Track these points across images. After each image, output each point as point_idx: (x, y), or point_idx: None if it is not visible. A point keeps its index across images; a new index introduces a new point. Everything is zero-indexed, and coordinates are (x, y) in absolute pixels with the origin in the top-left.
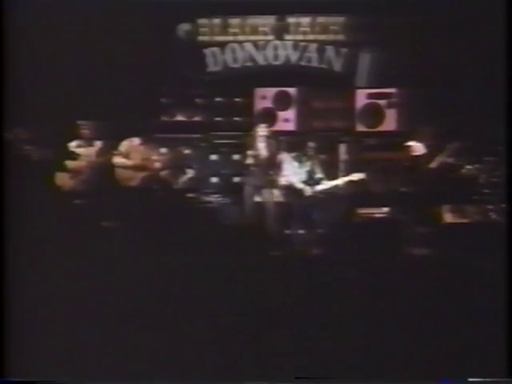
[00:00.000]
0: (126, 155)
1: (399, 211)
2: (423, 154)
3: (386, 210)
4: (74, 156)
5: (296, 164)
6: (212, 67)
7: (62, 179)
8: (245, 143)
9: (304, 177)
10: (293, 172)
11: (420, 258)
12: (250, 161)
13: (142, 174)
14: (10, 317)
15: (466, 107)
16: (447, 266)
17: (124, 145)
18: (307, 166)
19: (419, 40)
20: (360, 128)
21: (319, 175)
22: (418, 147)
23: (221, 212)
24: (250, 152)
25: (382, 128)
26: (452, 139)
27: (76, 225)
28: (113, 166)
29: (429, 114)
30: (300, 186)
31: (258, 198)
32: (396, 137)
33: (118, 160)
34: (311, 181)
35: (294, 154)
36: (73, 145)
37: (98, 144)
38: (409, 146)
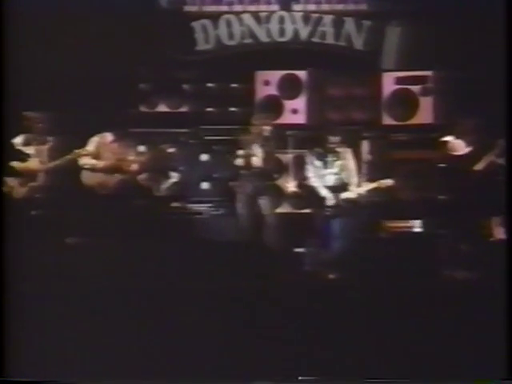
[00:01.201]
0: (96, 155)
1: (436, 224)
2: (467, 154)
3: (419, 222)
4: (22, 156)
5: (319, 164)
6: (202, 45)
7: (11, 185)
8: (243, 140)
9: (329, 181)
10: (316, 174)
11: (462, 282)
12: (249, 162)
13: (115, 179)
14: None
15: None
16: (495, 291)
17: (93, 142)
18: (335, 167)
19: (462, 11)
20: (387, 121)
21: (346, 179)
22: (460, 144)
23: (213, 226)
24: (249, 151)
25: (414, 121)
26: (503, 134)
27: (32, 241)
28: (79, 169)
29: (474, 102)
30: (323, 192)
31: (259, 208)
32: (433, 132)
33: (85, 161)
34: (336, 187)
35: (317, 151)
36: (19, 142)
37: (55, 141)
38: (448, 144)
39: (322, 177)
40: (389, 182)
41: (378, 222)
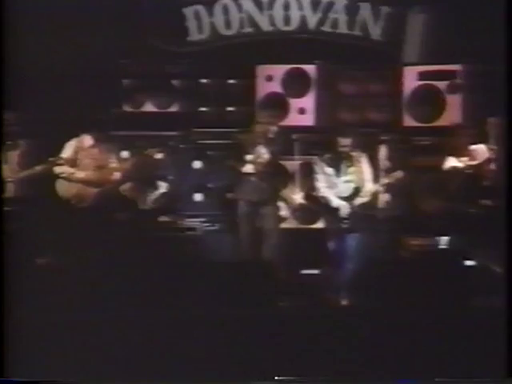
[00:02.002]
0: (72, 162)
1: (465, 242)
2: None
3: (445, 239)
4: None
5: (331, 171)
6: (195, 35)
7: None
8: (243, 144)
9: (342, 191)
10: (327, 183)
11: (497, 312)
12: (249, 170)
13: (94, 190)
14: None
15: None
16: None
17: (69, 147)
18: (348, 175)
19: None
20: (409, 122)
21: (360, 189)
22: (481, 150)
23: (208, 244)
24: (249, 157)
25: (440, 122)
26: None
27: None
28: (53, 178)
29: (509, 101)
30: (335, 203)
31: (261, 224)
32: (461, 135)
33: (60, 169)
34: (349, 197)
35: (328, 157)
36: None
37: (26, 145)
38: (480, 149)
39: (333, 186)
40: (400, 174)
41: (398, 239)
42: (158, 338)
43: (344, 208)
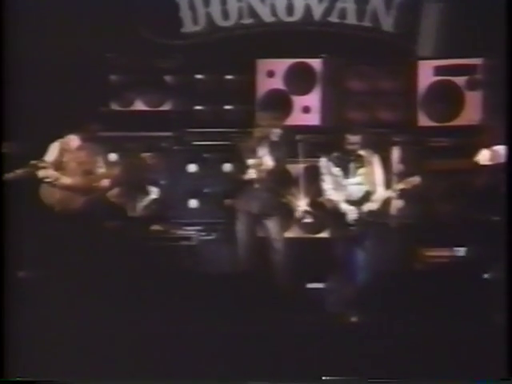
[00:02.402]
0: (57, 165)
1: (486, 254)
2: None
3: (464, 250)
4: None
5: (338, 172)
6: (190, 26)
7: None
8: (242, 146)
9: (352, 194)
10: (335, 185)
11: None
12: (249, 173)
13: (80, 195)
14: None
15: None
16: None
17: (54, 149)
18: (357, 176)
19: None
20: (424, 122)
21: (367, 189)
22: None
23: (205, 255)
24: (249, 160)
25: (458, 122)
26: None
27: None
28: (36, 183)
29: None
30: (344, 208)
31: (262, 232)
32: (482, 135)
33: (44, 173)
34: (360, 202)
35: (334, 156)
36: None
37: (7, 147)
38: (502, 150)
39: (341, 188)
40: (416, 179)
41: (412, 250)
42: (150, 357)
43: (353, 213)
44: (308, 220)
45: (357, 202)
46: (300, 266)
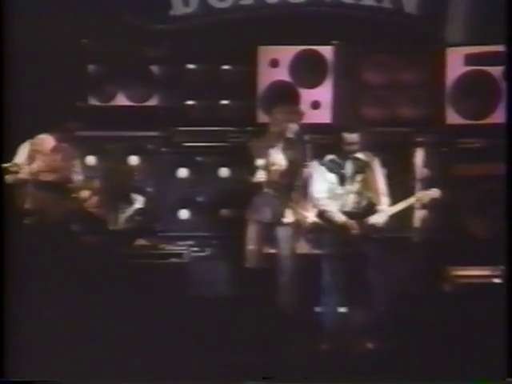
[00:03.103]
0: (28, 169)
1: None
2: None
3: (501, 269)
4: None
5: (333, 178)
6: (179, 8)
7: None
8: (241, 148)
9: (349, 201)
10: (329, 192)
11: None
12: (250, 180)
13: (54, 204)
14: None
15: None
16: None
17: (24, 150)
18: (354, 183)
19: None
20: (453, 119)
21: (373, 198)
22: None
23: (197, 274)
24: (250, 163)
25: (493, 119)
26: None
27: None
28: (3, 189)
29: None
30: (341, 217)
31: (265, 247)
32: None
33: (12, 178)
34: (361, 208)
35: (328, 160)
36: None
37: None
38: None
39: (335, 197)
40: (437, 192)
41: (440, 268)
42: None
43: (354, 227)
44: (316, 233)
45: (357, 214)
46: (307, 287)
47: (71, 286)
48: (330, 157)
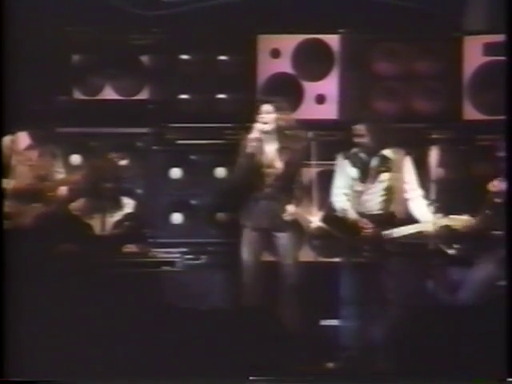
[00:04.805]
0: (2, 169)
1: None
2: None
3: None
4: None
5: (354, 173)
6: None
7: None
8: (239, 145)
9: (369, 202)
10: (349, 189)
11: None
12: (249, 180)
13: (34, 208)
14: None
15: None
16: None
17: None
18: (377, 182)
19: None
20: (471, 114)
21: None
22: None
23: (191, 284)
24: (249, 163)
25: None
26: None
27: None
28: None
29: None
30: (354, 215)
31: (265, 255)
32: None
33: None
34: (381, 213)
35: (353, 153)
36: None
37: None
38: None
39: (356, 197)
40: (466, 219)
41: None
42: None
43: (367, 227)
44: (322, 239)
45: (375, 216)
46: (312, 298)
47: (54, 297)
48: (354, 150)
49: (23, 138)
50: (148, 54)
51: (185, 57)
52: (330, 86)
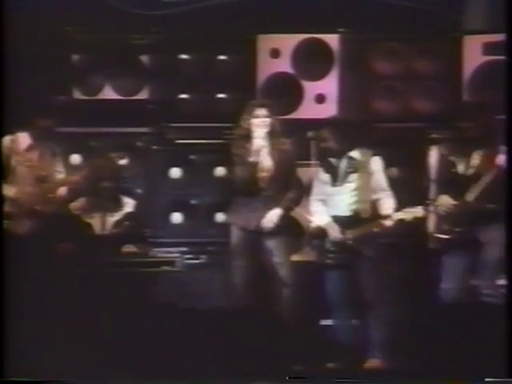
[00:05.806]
0: (3, 169)
1: None
2: None
3: None
4: None
5: (327, 178)
6: None
7: None
8: (238, 145)
9: (340, 204)
10: (322, 194)
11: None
12: (249, 181)
13: (33, 208)
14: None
15: None
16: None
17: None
18: (346, 184)
19: None
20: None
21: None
22: None
23: (191, 283)
24: (248, 162)
25: None
26: None
27: None
28: None
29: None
30: (334, 229)
31: (265, 255)
32: None
33: None
34: (352, 214)
35: (325, 158)
36: None
37: None
38: None
39: (328, 200)
40: (418, 211)
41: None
42: None
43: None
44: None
45: (346, 220)
46: (312, 298)
47: (54, 296)
48: (327, 155)
49: (23, 138)
50: (148, 53)
51: (185, 57)
52: (329, 85)
